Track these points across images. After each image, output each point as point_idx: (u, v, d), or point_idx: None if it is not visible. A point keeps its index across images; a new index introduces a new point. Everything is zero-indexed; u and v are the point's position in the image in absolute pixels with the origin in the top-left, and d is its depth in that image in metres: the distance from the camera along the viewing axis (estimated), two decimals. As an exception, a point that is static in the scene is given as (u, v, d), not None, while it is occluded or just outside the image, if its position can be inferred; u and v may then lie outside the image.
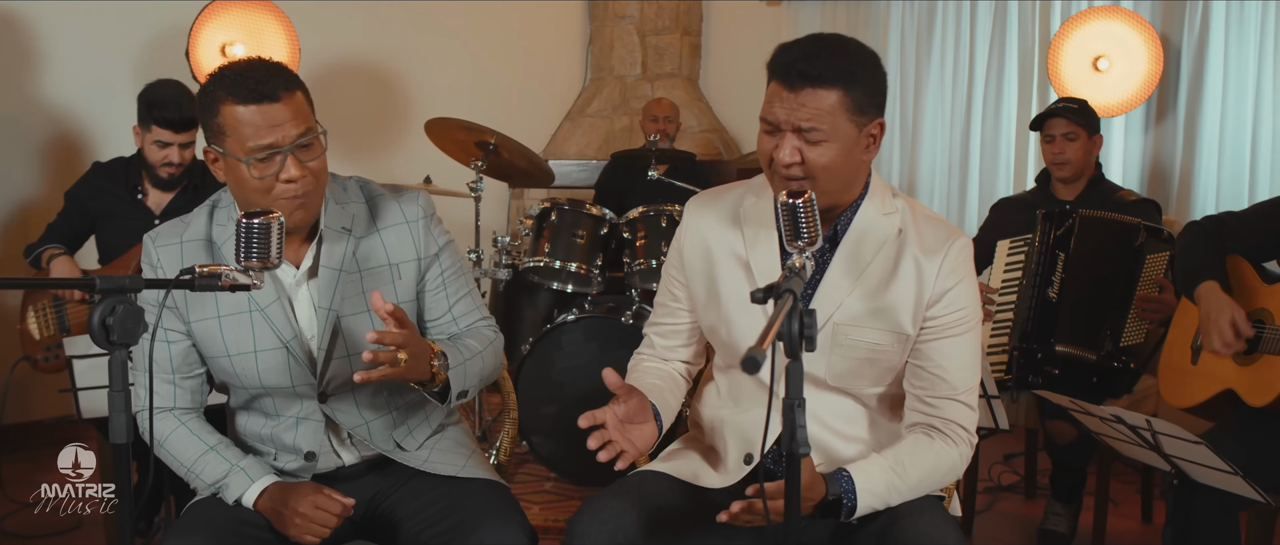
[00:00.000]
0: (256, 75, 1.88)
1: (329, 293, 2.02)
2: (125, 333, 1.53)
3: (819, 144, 1.86)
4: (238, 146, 1.89)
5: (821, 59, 1.85)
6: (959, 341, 1.96)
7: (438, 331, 2.17)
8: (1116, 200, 3.53)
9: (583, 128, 6.30)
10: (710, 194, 2.14)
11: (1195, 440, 2.20)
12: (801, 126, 1.86)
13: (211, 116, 1.91)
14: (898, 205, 2.00)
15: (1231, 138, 4.24)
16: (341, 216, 2.05)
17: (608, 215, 4.40)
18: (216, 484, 2.04)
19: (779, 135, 1.89)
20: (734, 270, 2.02)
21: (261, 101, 1.87)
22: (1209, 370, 2.74)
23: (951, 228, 2.02)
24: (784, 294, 1.51)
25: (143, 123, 3.48)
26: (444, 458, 2.15)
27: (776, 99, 1.88)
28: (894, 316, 1.94)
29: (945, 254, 1.95)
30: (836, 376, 1.97)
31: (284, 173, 1.90)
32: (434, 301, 2.15)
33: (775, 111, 1.88)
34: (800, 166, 1.88)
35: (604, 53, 6.36)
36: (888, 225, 1.97)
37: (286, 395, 2.06)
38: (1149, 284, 3.25)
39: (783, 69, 1.88)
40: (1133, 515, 3.76)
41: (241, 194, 1.95)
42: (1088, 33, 4.32)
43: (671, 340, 2.17)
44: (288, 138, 1.89)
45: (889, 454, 1.94)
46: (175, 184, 3.56)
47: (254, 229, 1.70)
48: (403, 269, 2.09)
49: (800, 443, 1.53)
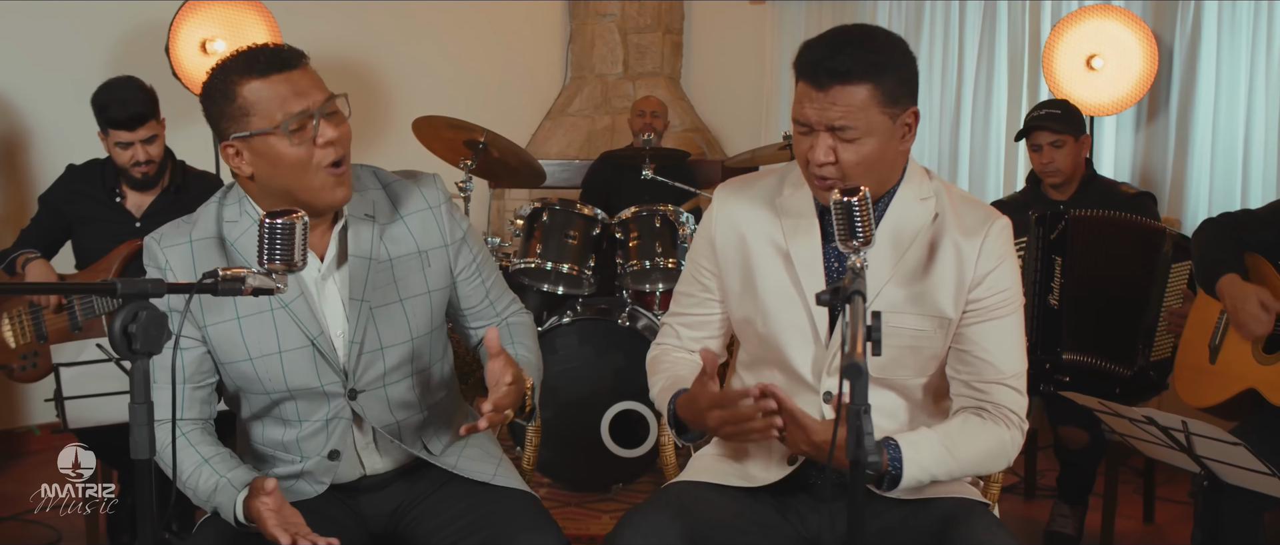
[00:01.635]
0: (268, 50, 1.83)
1: (361, 283, 1.94)
2: (149, 340, 1.43)
3: (854, 141, 1.82)
4: (266, 120, 1.81)
5: (848, 54, 1.80)
6: (1003, 324, 1.92)
7: (476, 319, 2.12)
8: (1114, 195, 3.50)
9: (564, 127, 6.22)
10: (740, 182, 2.08)
11: (1233, 441, 2.16)
12: (834, 125, 1.81)
13: (229, 102, 1.82)
14: (934, 189, 1.96)
15: (1223, 137, 4.23)
16: (362, 204, 1.97)
17: (599, 215, 4.32)
18: (210, 501, 1.93)
19: (812, 135, 1.84)
20: (773, 260, 1.96)
21: (283, 69, 1.81)
22: (1230, 370, 2.71)
23: (990, 209, 1.98)
24: (853, 297, 1.45)
25: (100, 127, 3.35)
26: (474, 465, 2.07)
27: (806, 99, 1.84)
28: (934, 301, 1.90)
29: (986, 235, 1.91)
30: (879, 367, 1.91)
31: (321, 135, 1.82)
32: (470, 289, 2.09)
33: (806, 112, 1.84)
34: (834, 166, 1.83)
35: (585, 51, 6.27)
36: (925, 210, 1.93)
37: (313, 397, 1.96)
38: (1175, 296, 3.22)
39: (809, 68, 1.83)
40: (1134, 516, 3.74)
41: (276, 175, 1.85)
42: (1082, 31, 4.30)
43: (699, 331, 2.10)
44: (316, 102, 1.82)
45: (939, 429, 1.89)
46: (153, 183, 3.43)
47: (277, 229, 1.61)
48: (432, 256, 2.02)
49: (868, 450, 1.46)
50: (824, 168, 1.84)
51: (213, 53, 4.23)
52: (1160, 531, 3.68)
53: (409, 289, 1.99)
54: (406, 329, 1.99)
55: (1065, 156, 3.51)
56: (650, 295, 4.31)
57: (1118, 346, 3.25)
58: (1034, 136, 3.55)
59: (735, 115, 6.20)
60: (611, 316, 4.00)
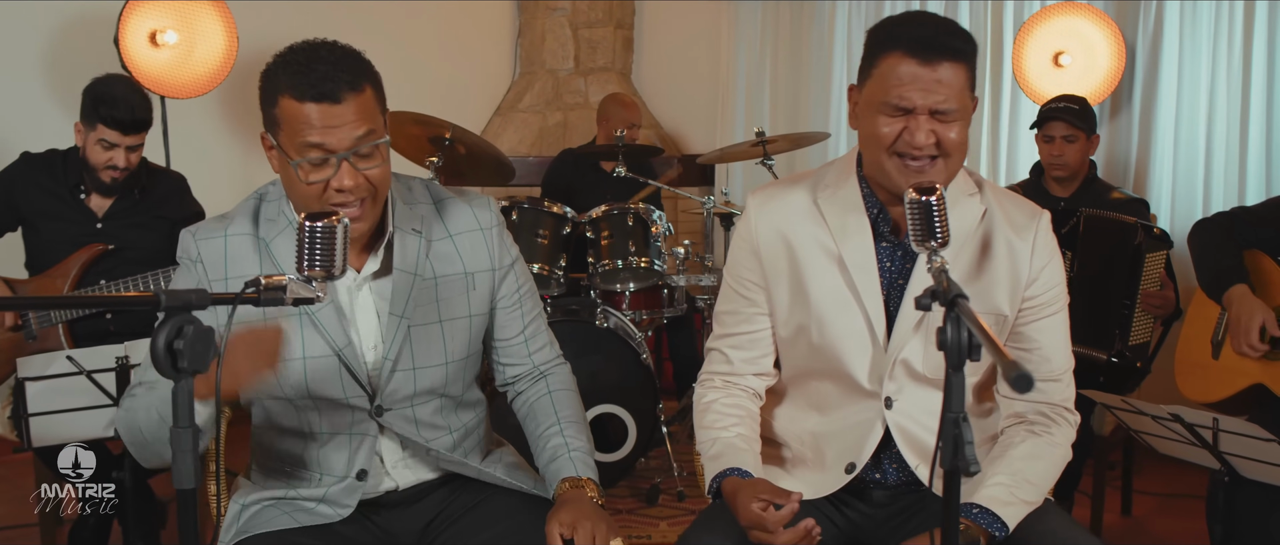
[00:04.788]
0: (321, 69, 1.67)
1: (403, 298, 1.81)
2: (195, 358, 1.29)
3: (952, 122, 1.75)
4: (290, 144, 1.68)
5: (952, 31, 1.76)
6: (1056, 320, 1.90)
7: (506, 355, 1.99)
8: (1110, 200, 3.52)
9: (515, 123, 6.08)
10: (773, 189, 1.97)
11: (1267, 437, 2.15)
12: (939, 109, 1.73)
13: (269, 105, 1.71)
14: (974, 185, 1.90)
15: (1186, 132, 4.30)
16: (411, 217, 1.84)
17: (569, 214, 4.21)
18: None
19: (907, 116, 1.75)
20: (824, 266, 1.87)
21: (321, 101, 1.66)
22: (1234, 365, 2.72)
23: (1032, 204, 1.93)
24: (956, 299, 1.38)
25: (87, 119, 3.13)
26: (513, 476, 1.96)
27: (911, 79, 1.73)
28: (991, 299, 1.85)
29: (1036, 232, 1.88)
30: (934, 368, 1.85)
31: (336, 181, 1.69)
32: (508, 319, 1.96)
33: (909, 93, 1.73)
34: (935, 145, 1.75)
35: (535, 46, 6.14)
36: (974, 207, 1.87)
37: (336, 409, 1.83)
38: (1151, 282, 3.23)
39: (918, 44, 1.73)
40: (1113, 509, 3.76)
41: (290, 195, 1.76)
42: (1050, 28, 4.33)
43: (751, 351, 1.97)
44: (344, 142, 1.68)
45: (1002, 469, 1.83)
46: (117, 188, 3.23)
47: (317, 233, 1.49)
48: (478, 279, 1.90)
49: (970, 460, 1.39)
50: (924, 150, 1.75)
51: (164, 45, 4.02)
52: (1139, 524, 3.71)
53: (451, 311, 1.87)
54: (442, 352, 1.87)
55: (1075, 152, 3.52)
56: (619, 295, 4.22)
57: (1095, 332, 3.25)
58: (1048, 127, 3.54)
59: (688, 112, 6.13)
60: (586, 318, 3.90)
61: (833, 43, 5.28)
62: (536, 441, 1.97)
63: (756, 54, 5.61)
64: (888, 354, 1.85)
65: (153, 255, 3.27)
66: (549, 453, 1.93)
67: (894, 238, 1.87)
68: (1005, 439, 1.90)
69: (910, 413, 1.88)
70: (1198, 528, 3.49)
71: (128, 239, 3.26)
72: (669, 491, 3.94)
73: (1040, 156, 3.63)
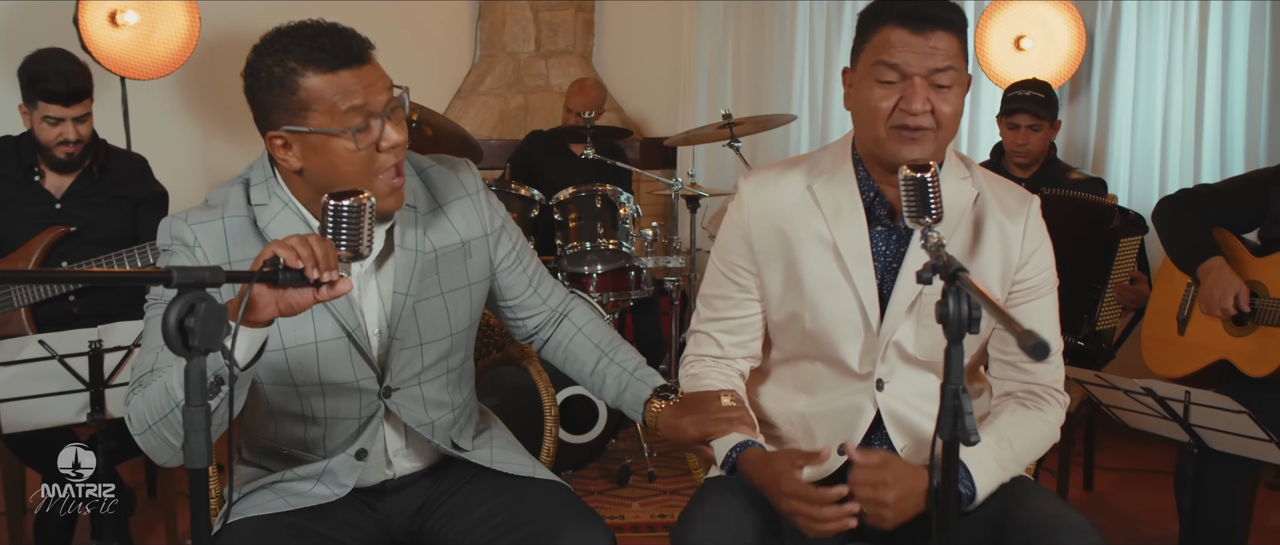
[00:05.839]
0: (337, 37, 1.64)
1: (407, 276, 1.80)
2: (208, 336, 1.27)
3: (948, 90, 1.77)
4: (330, 119, 1.63)
5: (943, 2, 1.78)
6: (1045, 302, 1.93)
7: (523, 311, 2.01)
8: (1068, 180, 3.58)
9: (475, 106, 6.04)
10: (766, 175, 1.97)
11: (1238, 409, 2.21)
12: (936, 69, 1.75)
13: (288, 93, 1.64)
14: (968, 171, 1.93)
15: (1143, 115, 4.40)
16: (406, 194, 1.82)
17: (537, 196, 4.21)
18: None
19: (902, 83, 1.77)
20: (818, 252, 1.88)
21: (352, 65, 1.64)
22: (1201, 340, 2.78)
23: (1023, 189, 1.96)
24: (958, 273, 1.40)
25: (27, 99, 3.09)
26: (508, 456, 1.96)
27: (903, 45, 1.76)
28: (982, 281, 1.85)
29: (1028, 216, 1.90)
30: (925, 350, 1.87)
31: (385, 139, 1.66)
32: (512, 279, 1.97)
33: (903, 57, 1.75)
34: (930, 115, 1.77)
35: (495, 28, 6.10)
36: (966, 190, 1.89)
37: (344, 392, 1.81)
38: (1124, 268, 3.29)
39: (906, 15, 1.76)
40: (1076, 484, 3.83)
41: (331, 174, 1.67)
42: (1012, 12, 4.40)
43: (740, 335, 1.98)
44: (381, 102, 1.66)
45: (992, 429, 1.86)
46: (76, 165, 3.18)
47: (343, 211, 1.47)
48: (473, 247, 1.89)
49: (970, 430, 1.42)
50: (919, 117, 1.76)
51: (124, 25, 3.95)
52: (1101, 498, 3.80)
53: (451, 282, 1.86)
54: (447, 324, 1.86)
55: (1039, 139, 3.58)
56: (587, 277, 4.22)
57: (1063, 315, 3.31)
58: (1014, 117, 3.60)
59: (650, 94, 6.13)
60: (556, 300, 3.90)
61: (795, 22, 5.30)
62: (592, 381, 2.00)
63: (719, 35, 5.62)
64: (880, 337, 1.87)
65: (114, 235, 3.23)
66: (615, 387, 1.96)
67: (890, 221, 1.88)
68: (996, 410, 1.94)
69: (902, 395, 1.90)
70: (1157, 500, 3.60)
71: (87, 219, 3.21)
72: (640, 472, 3.95)
73: (1004, 142, 3.69)
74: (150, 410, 1.59)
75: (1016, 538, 1.77)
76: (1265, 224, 2.76)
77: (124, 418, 1.67)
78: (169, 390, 1.54)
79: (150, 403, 1.59)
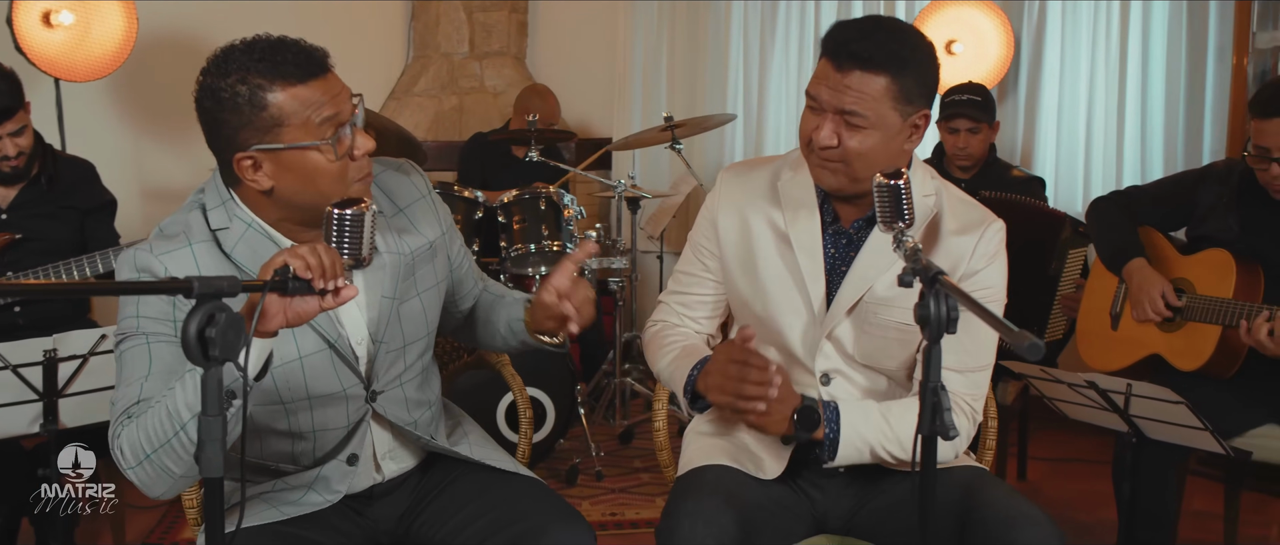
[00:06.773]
0: (296, 50, 1.65)
1: (392, 280, 1.83)
2: (227, 346, 1.30)
3: (860, 130, 1.84)
4: (304, 131, 1.64)
5: (875, 42, 1.81)
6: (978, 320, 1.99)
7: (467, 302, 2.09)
8: (1010, 178, 3.71)
9: (410, 108, 6.01)
10: (743, 167, 2.11)
11: (1176, 400, 2.34)
12: (845, 109, 1.82)
13: (257, 111, 1.62)
14: (935, 188, 2.00)
15: (1068, 117, 4.59)
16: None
17: (480, 198, 4.22)
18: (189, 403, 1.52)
19: (821, 115, 1.86)
20: (773, 244, 2.00)
21: (318, 75, 1.65)
22: (1133, 335, 2.92)
23: (987, 211, 2.02)
24: (938, 276, 1.48)
25: None
26: (487, 451, 2.01)
27: (823, 78, 1.85)
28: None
29: (981, 235, 1.96)
30: (865, 355, 1.97)
31: (357, 147, 1.68)
32: (466, 277, 2.05)
33: (820, 90, 1.85)
34: (836, 149, 1.85)
35: (429, 29, 6.08)
36: (925, 207, 1.96)
37: (332, 403, 1.82)
38: (1070, 279, 3.43)
39: (833, 47, 1.84)
40: (1011, 474, 3.98)
41: (306, 189, 1.67)
42: (943, 17, 4.55)
43: (697, 311, 2.14)
44: (347, 110, 1.68)
45: (883, 404, 1.95)
46: (22, 176, 3.11)
47: (346, 220, 1.49)
48: (437, 246, 1.93)
49: (948, 425, 1.50)
50: (826, 151, 1.86)
51: (58, 25, 3.86)
52: (1035, 487, 3.95)
53: (425, 282, 1.90)
54: (424, 323, 1.91)
55: (979, 142, 3.70)
56: (531, 279, 4.25)
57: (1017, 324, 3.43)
58: (954, 121, 3.70)
59: (585, 95, 6.16)
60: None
61: (730, 22, 5.37)
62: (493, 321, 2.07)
63: (654, 35, 5.67)
64: (822, 329, 1.96)
65: (60, 245, 3.18)
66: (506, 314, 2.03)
67: (837, 225, 1.99)
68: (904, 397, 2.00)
69: (848, 392, 1.99)
70: (1089, 488, 3.76)
71: (34, 229, 3.16)
72: (587, 471, 4.00)
73: (945, 146, 3.81)
74: (149, 439, 1.57)
75: (976, 532, 1.84)
76: (1192, 223, 2.91)
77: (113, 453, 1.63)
78: (172, 413, 1.53)
79: (149, 431, 1.56)
